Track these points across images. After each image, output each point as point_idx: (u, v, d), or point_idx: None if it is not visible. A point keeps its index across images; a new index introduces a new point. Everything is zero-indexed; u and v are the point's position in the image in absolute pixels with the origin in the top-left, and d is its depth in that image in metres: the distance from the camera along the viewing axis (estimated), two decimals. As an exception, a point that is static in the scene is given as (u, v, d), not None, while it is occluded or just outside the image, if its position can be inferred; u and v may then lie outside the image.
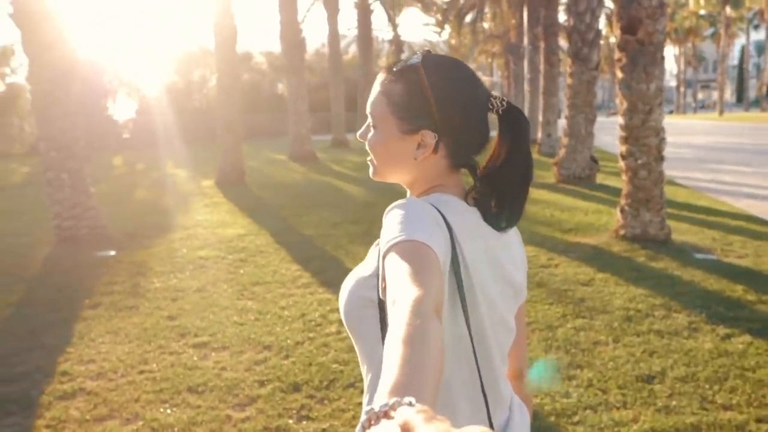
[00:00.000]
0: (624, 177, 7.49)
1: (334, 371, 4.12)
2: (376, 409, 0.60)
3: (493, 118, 1.22)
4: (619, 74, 7.26)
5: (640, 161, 7.19)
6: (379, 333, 1.13)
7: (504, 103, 1.19)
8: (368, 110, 1.21)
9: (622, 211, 7.46)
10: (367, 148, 1.22)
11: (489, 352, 1.18)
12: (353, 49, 39.02)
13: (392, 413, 0.58)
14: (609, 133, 30.55)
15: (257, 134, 38.15)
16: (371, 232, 8.32)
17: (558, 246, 7.38)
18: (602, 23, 12.30)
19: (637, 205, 7.28)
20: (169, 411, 3.62)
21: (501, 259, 1.20)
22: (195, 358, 4.36)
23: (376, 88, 1.21)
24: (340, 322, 4.95)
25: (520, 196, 1.20)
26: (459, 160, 1.21)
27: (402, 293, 0.86)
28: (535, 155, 19.21)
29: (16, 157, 26.04)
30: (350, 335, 1.22)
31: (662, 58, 7.04)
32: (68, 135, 7.67)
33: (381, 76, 1.21)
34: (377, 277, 1.12)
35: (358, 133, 1.24)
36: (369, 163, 1.25)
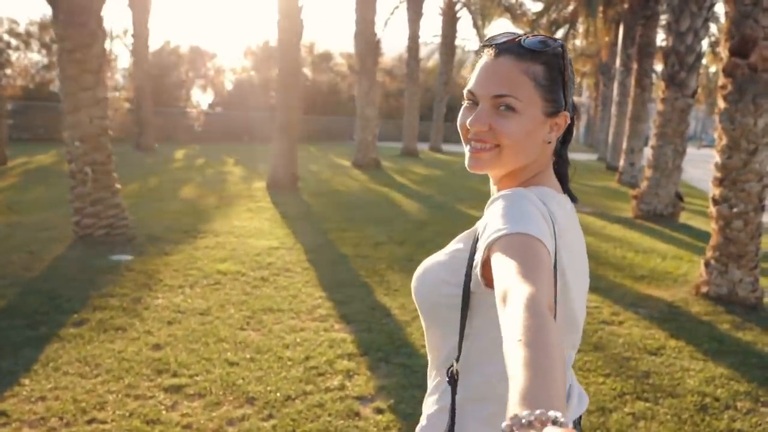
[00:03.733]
0: (714, 225, 6.33)
1: (320, 447, 3.30)
2: (521, 415, 0.60)
3: None
4: (722, 104, 6.10)
5: (735, 209, 6.03)
6: (456, 321, 1.14)
7: None
8: (503, 92, 1.11)
9: (707, 265, 6.31)
10: (497, 135, 1.13)
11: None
12: (437, 58, 38.24)
13: (537, 425, 0.59)
14: (698, 166, 28.74)
15: (330, 137, 37.93)
16: (414, 258, 7.46)
17: (626, 297, 6.32)
18: (704, 46, 11.04)
19: (726, 261, 6.12)
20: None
21: (582, 247, 1.23)
22: (161, 407, 3.62)
23: (506, 69, 1.12)
24: (346, 373, 4.17)
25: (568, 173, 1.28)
26: (561, 143, 1.24)
27: (515, 289, 0.85)
28: (614, 184, 18.15)
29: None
30: (423, 321, 1.25)
31: (778, 89, 5.85)
32: (96, 124, 7.11)
33: (506, 59, 1.12)
34: (466, 262, 1.12)
35: (471, 120, 1.14)
36: (475, 152, 1.16)
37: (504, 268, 0.90)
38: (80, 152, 7.06)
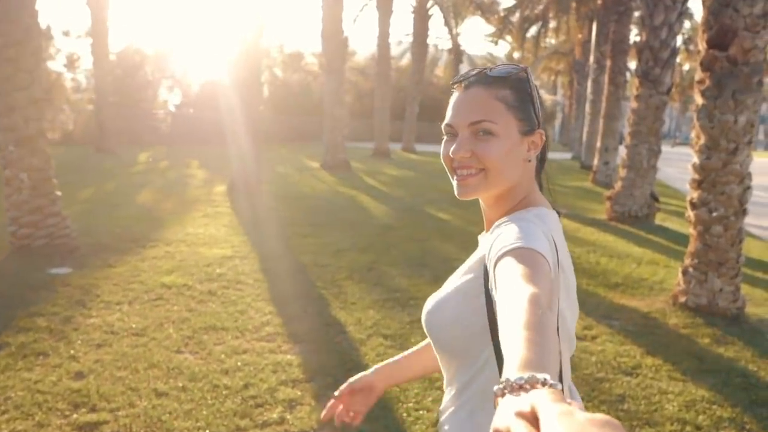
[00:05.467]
0: (692, 230, 5.95)
1: (248, 499, 2.84)
2: (512, 379, 0.63)
3: None
4: (699, 100, 5.69)
5: (715, 214, 5.65)
6: (477, 348, 1.16)
7: None
8: (479, 118, 1.17)
9: (685, 272, 5.93)
10: (480, 159, 1.18)
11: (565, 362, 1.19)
12: (410, 57, 37.88)
13: (527, 387, 0.62)
14: (673, 164, 28.64)
15: (302, 137, 37.35)
16: (376, 267, 7.01)
17: (599, 308, 5.93)
18: (678, 41, 10.79)
19: (705, 269, 5.75)
20: None
21: (570, 261, 1.23)
22: (69, 451, 3.13)
23: (478, 98, 1.19)
24: (288, 403, 3.71)
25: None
26: (541, 160, 1.28)
27: (517, 289, 0.88)
28: (588, 184, 17.82)
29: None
30: (440, 353, 1.27)
31: (760, 83, 5.43)
32: (33, 126, 6.55)
33: (476, 89, 1.19)
34: (483, 289, 1.14)
35: (453, 149, 1.19)
36: (462, 180, 1.20)
37: (507, 272, 0.94)
38: (15, 157, 6.50)
